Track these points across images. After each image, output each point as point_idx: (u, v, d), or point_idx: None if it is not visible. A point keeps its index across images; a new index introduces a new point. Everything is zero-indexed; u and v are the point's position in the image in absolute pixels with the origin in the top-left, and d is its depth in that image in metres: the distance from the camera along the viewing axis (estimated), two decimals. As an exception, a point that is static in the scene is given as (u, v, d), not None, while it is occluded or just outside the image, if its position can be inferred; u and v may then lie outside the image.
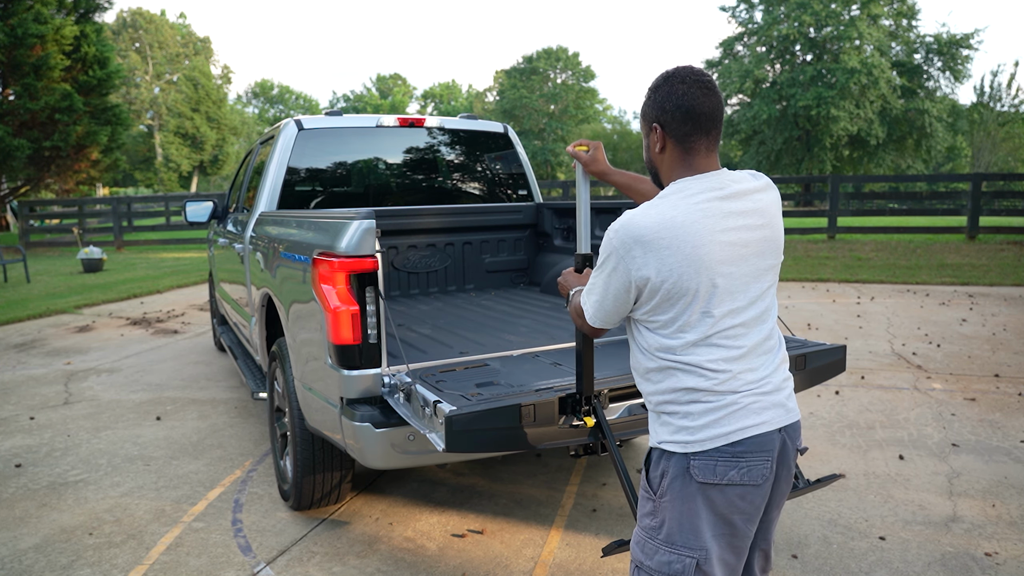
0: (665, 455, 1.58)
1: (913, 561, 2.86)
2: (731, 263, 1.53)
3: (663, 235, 1.49)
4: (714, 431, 1.52)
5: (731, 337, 1.55)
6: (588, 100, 56.83)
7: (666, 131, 1.59)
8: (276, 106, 73.29)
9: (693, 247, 1.49)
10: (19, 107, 18.49)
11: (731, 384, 1.55)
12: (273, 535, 3.16)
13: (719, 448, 1.52)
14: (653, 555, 1.59)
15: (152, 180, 47.34)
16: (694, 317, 1.53)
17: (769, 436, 1.56)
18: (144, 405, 5.16)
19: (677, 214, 1.51)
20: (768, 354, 1.61)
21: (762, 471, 1.55)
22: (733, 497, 1.54)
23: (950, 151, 40.21)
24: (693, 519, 1.55)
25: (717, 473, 1.52)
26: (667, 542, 1.57)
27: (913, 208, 17.63)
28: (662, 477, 1.58)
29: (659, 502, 1.59)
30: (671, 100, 1.58)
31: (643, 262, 1.50)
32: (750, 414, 1.54)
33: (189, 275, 12.71)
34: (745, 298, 1.57)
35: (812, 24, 31.78)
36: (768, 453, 1.55)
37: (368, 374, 2.56)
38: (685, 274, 1.49)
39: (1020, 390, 5.09)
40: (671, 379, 1.57)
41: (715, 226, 1.52)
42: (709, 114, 1.57)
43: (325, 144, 4.38)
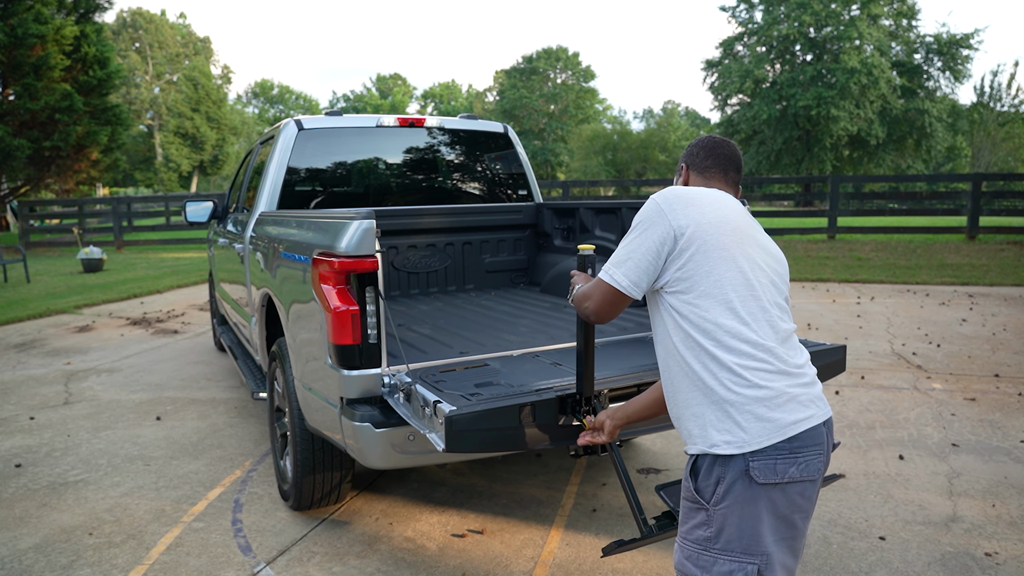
0: (719, 460, 1.53)
1: (913, 561, 2.86)
2: (758, 244, 1.67)
3: (704, 198, 1.66)
4: (767, 425, 1.50)
5: (764, 311, 1.58)
6: (588, 100, 56.85)
7: (691, 167, 1.86)
8: (276, 106, 73.29)
9: (730, 210, 1.66)
10: (19, 107, 18.49)
11: (778, 365, 1.55)
12: (273, 535, 3.16)
13: (776, 445, 1.50)
14: (711, 567, 1.54)
15: (152, 180, 47.34)
16: (729, 274, 1.57)
17: (819, 429, 1.56)
18: (144, 405, 5.16)
19: (714, 192, 1.72)
20: (798, 348, 1.65)
21: (818, 465, 1.54)
22: (794, 495, 1.52)
23: (950, 151, 40.21)
24: (754, 524, 1.50)
25: (778, 472, 1.49)
26: (726, 550, 1.52)
27: (913, 208, 17.63)
28: (717, 484, 1.52)
29: (713, 510, 1.53)
30: (697, 145, 1.88)
31: (683, 213, 1.61)
32: (800, 406, 1.54)
33: (189, 275, 12.71)
34: (772, 279, 1.66)
35: (812, 24, 31.78)
36: (820, 447, 1.55)
37: (368, 374, 2.56)
38: (721, 231, 1.60)
39: (1020, 390, 5.09)
40: (707, 360, 1.55)
41: (739, 211, 1.70)
42: (728, 156, 1.84)
43: (325, 144, 4.38)
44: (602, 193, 35.10)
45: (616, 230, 4.16)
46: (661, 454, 4.04)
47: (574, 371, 2.66)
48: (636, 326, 3.42)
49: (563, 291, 4.42)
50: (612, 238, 4.20)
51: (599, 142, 44.78)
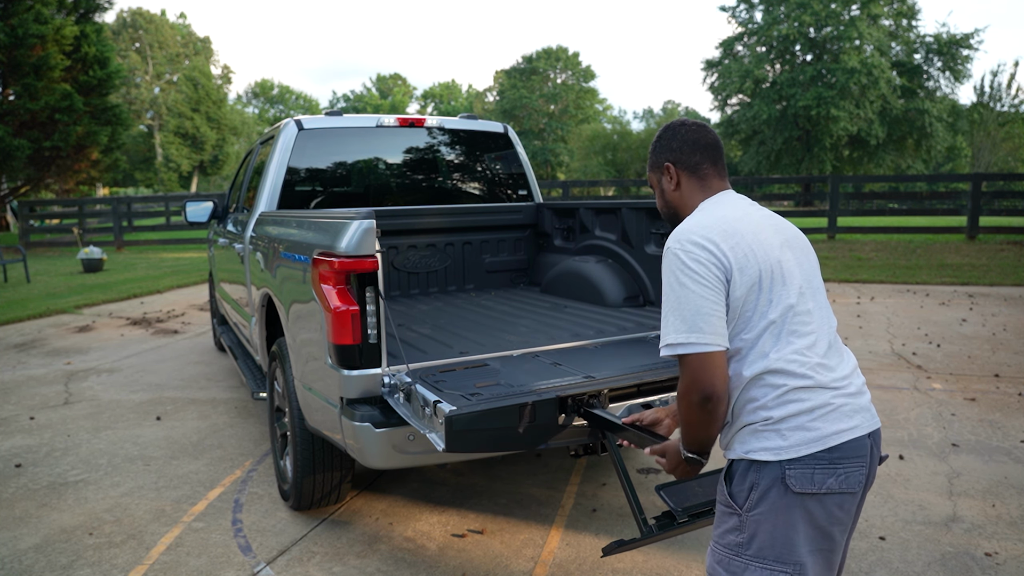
0: (754, 466, 1.50)
1: (913, 561, 2.86)
2: (783, 246, 1.59)
3: (724, 227, 1.55)
4: (808, 435, 1.46)
5: (802, 324, 1.53)
6: (588, 100, 56.83)
7: (678, 166, 1.72)
8: (276, 106, 73.28)
9: (748, 231, 1.55)
10: (19, 107, 18.49)
11: (818, 379, 1.50)
12: (273, 535, 3.16)
13: (815, 454, 1.46)
14: (742, 573, 1.52)
15: (152, 180, 47.33)
16: (763, 299, 1.52)
17: (862, 441, 1.51)
18: (144, 405, 5.16)
19: (725, 212, 1.60)
20: (841, 354, 1.60)
21: (859, 478, 1.50)
22: (832, 507, 1.48)
23: (950, 151, 40.18)
24: (788, 532, 1.48)
25: (815, 482, 1.46)
26: (758, 557, 1.50)
27: (913, 208, 17.63)
28: (751, 490, 1.50)
29: (746, 516, 1.51)
30: (677, 139, 1.73)
31: (723, 244, 1.53)
32: (843, 417, 1.49)
33: (189, 275, 12.71)
34: (805, 282, 1.58)
35: (812, 24, 31.76)
36: (863, 459, 1.51)
37: (368, 374, 2.56)
38: (749, 254, 1.53)
39: (1020, 390, 5.09)
40: (755, 383, 1.52)
41: (751, 218, 1.61)
42: (713, 145, 1.72)
43: (325, 144, 4.38)
44: (602, 193, 35.09)
45: (616, 230, 4.17)
46: (661, 454, 4.04)
47: (574, 371, 2.66)
48: (636, 326, 3.42)
49: (563, 291, 4.42)
50: (612, 238, 4.20)
51: (599, 142, 44.79)
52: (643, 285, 3.97)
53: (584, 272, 4.21)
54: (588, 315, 3.74)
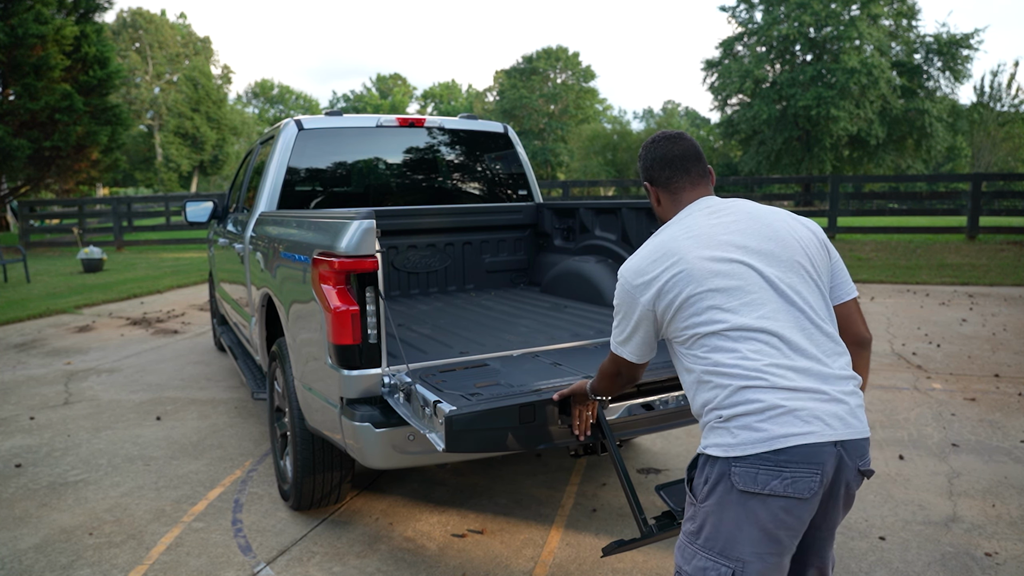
0: (709, 461, 1.56)
1: (913, 561, 2.86)
2: (724, 258, 1.61)
3: (658, 258, 1.66)
4: (755, 435, 1.48)
5: (751, 331, 1.54)
6: (588, 100, 56.82)
7: (654, 184, 1.83)
8: (276, 106, 73.26)
9: (685, 251, 1.63)
10: (19, 107, 18.48)
11: (771, 380, 1.50)
12: (273, 535, 3.16)
13: (760, 455, 1.47)
14: (691, 560, 1.58)
15: (152, 180, 47.31)
16: (705, 314, 1.58)
17: (818, 448, 1.48)
18: (144, 405, 5.16)
19: (661, 240, 1.70)
20: (827, 358, 1.56)
21: (809, 484, 1.47)
22: (777, 510, 1.49)
23: (950, 151, 40.18)
24: (731, 529, 1.51)
25: (759, 482, 1.47)
26: (704, 547, 1.56)
27: (913, 208, 17.64)
28: (704, 483, 1.56)
29: (699, 507, 1.58)
30: (648, 158, 1.83)
31: (644, 286, 1.66)
32: (797, 422, 1.48)
33: (189, 275, 12.71)
34: (760, 286, 1.58)
35: (812, 24, 31.76)
36: (816, 466, 1.47)
37: (368, 374, 2.56)
38: (682, 278, 1.60)
39: (1020, 390, 5.09)
40: (706, 386, 1.59)
41: (694, 235, 1.66)
42: (681, 155, 1.79)
43: (325, 144, 4.38)
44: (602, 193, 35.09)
45: (616, 230, 4.16)
46: (661, 454, 4.04)
47: (574, 371, 2.66)
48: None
49: (563, 291, 4.42)
50: (612, 238, 4.20)
51: (599, 142, 44.77)
52: (643, 285, 3.97)
53: (584, 272, 4.21)
54: (588, 315, 3.74)
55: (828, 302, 1.67)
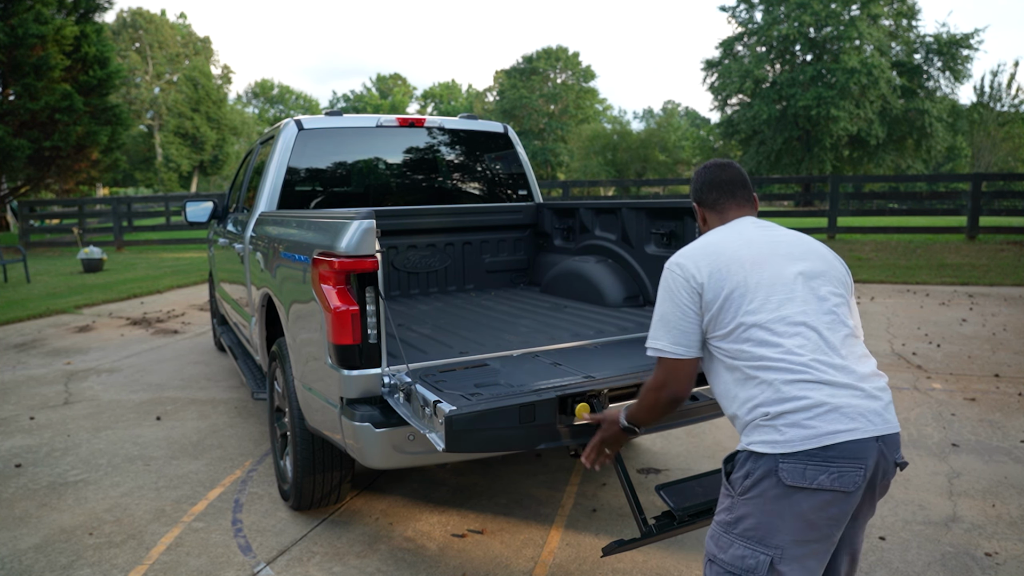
0: (752, 456, 1.61)
1: (913, 561, 2.86)
2: (770, 261, 1.73)
3: (707, 249, 1.79)
4: (803, 432, 1.54)
5: (796, 324, 1.64)
6: (588, 100, 56.83)
7: (702, 205, 1.98)
8: (276, 106, 73.26)
9: (733, 251, 1.76)
10: (19, 107, 18.48)
11: (817, 375, 1.58)
12: (273, 535, 3.16)
13: (808, 451, 1.53)
14: (727, 549, 1.65)
15: (152, 180, 47.31)
16: (753, 305, 1.67)
17: (863, 444, 1.55)
18: (144, 405, 5.16)
19: (711, 239, 1.84)
20: (858, 360, 1.67)
21: (854, 478, 1.54)
22: (822, 503, 1.55)
23: (950, 151, 40.18)
24: (773, 519, 1.58)
25: (807, 477, 1.53)
26: (742, 536, 1.62)
27: (913, 208, 17.64)
28: (746, 477, 1.62)
29: (738, 499, 1.64)
30: (698, 181, 1.99)
31: (695, 269, 1.75)
32: (842, 418, 1.55)
33: (189, 275, 12.71)
34: (800, 290, 1.70)
35: (812, 24, 31.77)
36: (861, 461, 1.55)
37: (368, 374, 2.56)
38: (730, 271, 1.71)
39: (1020, 390, 5.09)
40: (751, 382, 1.64)
41: (743, 237, 1.81)
42: (729, 180, 1.94)
43: (325, 144, 4.38)
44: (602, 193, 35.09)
45: (616, 230, 4.16)
46: (661, 454, 4.04)
47: (574, 371, 2.67)
48: (636, 326, 3.42)
49: (563, 291, 4.42)
50: (612, 238, 4.20)
51: (599, 142, 44.77)
52: (643, 285, 3.97)
53: (584, 272, 4.21)
54: (588, 315, 3.74)
55: (858, 321, 1.81)
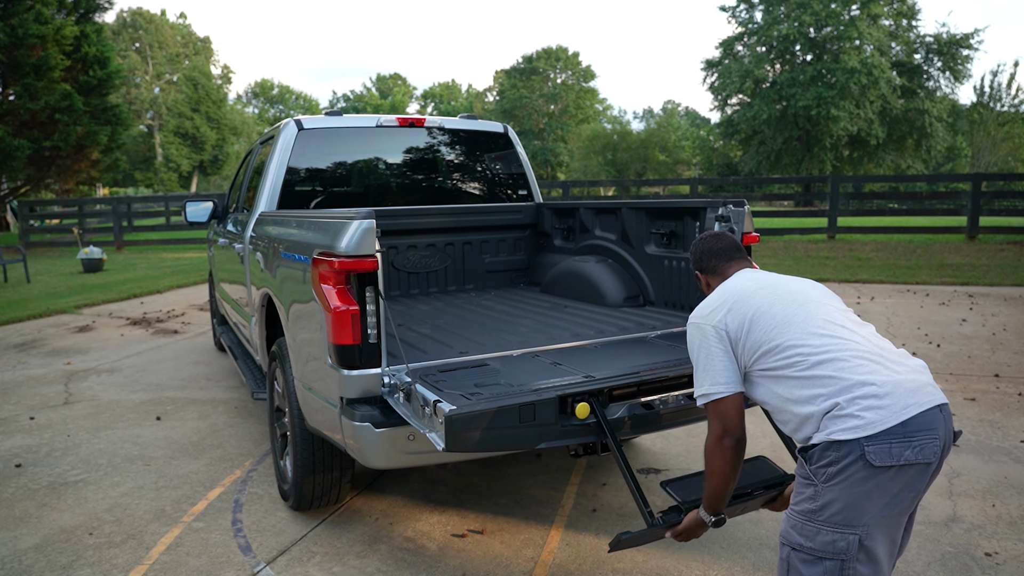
0: (834, 445, 1.67)
1: (913, 561, 2.86)
2: (778, 286, 1.96)
3: (721, 295, 2.00)
4: (881, 412, 1.64)
5: (829, 322, 1.82)
6: (588, 100, 56.83)
7: (704, 272, 2.24)
8: (276, 106, 73.26)
9: (744, 284, 1.99)
10: (19, 107, 18.48)
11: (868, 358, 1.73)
12: (273, 535, 3.16)
13: (890, 429, 1.63)
14: (815, 536, 1.70)
15: (152, 180, 47.30)
16: (780, 316, 1.84)
17: (932, 414, 1.68)
18: (144, 405, 5.16)
19: (721, 287, 2.06)
20: (891, 346, 1.85)
21: (933, 448, 1.66)
22: (909, 477, 1.65)
23: (950, 151, 40.18)
24: (861, 501, 1.65)
25: (893, 455, 1.62)
26: (829, 522, 1.68)
27: (913, 208, 17.65)
28: (830, 465, 1.68)
29: (822, 487, 1.70)
30: (696, 252, 2.27)
31: (716, 314, 1.94)
32: (909, 393, 1.68)
33: (189, 275, 12.71)
34: (817, 299, 1.91)
35: (812, 24, 31.77)
36: (935, 431, 1.67)
37: (368, 374, 2.56)
38: (748, 299, 1.92)
39: (1020, 390, 5.09)
40: (811, 382, 1.75)
41: (749, 276, 2.05)
42: (724, 248, 2.20)
43: (325, 144, 4.38)
44: (602, 193, 35.09)
45: (616, 230, 4.16)
46: (661, 454, 4.04)
47: (574, 371, 2.66)
48: (636, 326, 3.42)
49: (563, 291, 4.42)
50: (612, 238, 4.20)
51: (599, 142, 44.78)
52: (643, 285, 3.97)
53: (584, 272, 4.21)
54: (588, 315, 3.74)
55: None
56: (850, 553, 1.66)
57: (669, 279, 3.75)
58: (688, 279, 3.58)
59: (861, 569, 1.67)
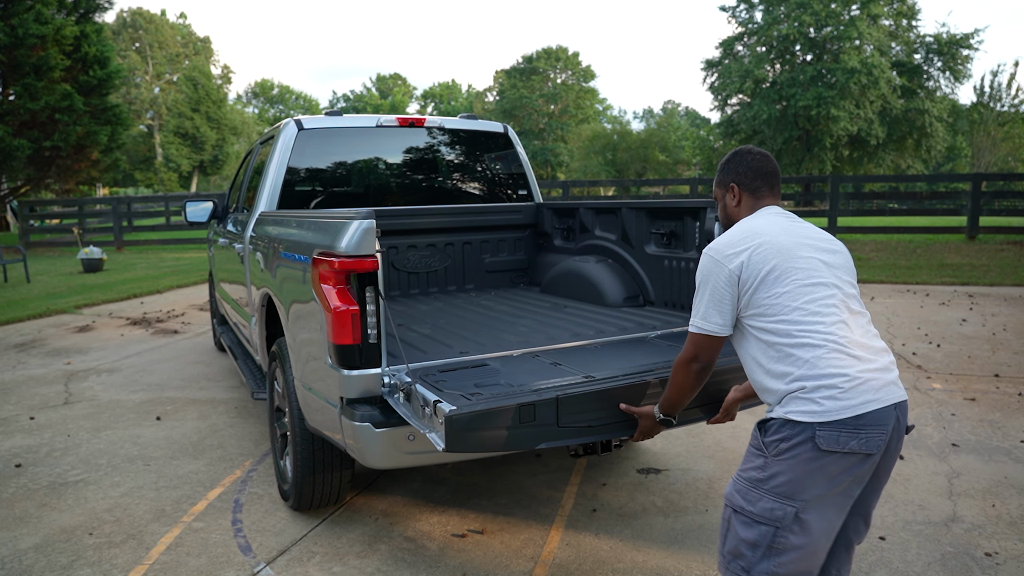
0: (789, 423, 1.81)
1: (913, 561, 2.86)
2: (801, 249, 1.92)
3: (745, 236, 1.95)
4: (839, 404, 1.75)
5: (828, 306, 1.84)
6: (588, 100, 56.84)
7: (743, 188, 2.12)
8: (276, 106, 73.25)
9: (771, 236, 1.93)
10: (19, 107, 18.47)
11: (846, 350, 1.79)
12: (273, 535, 3.16)
13: (843, 420, 1.74)
14: (756, 502, 1.84)
15: (152, 180, 47.29)
16: (789, 287, 1.85)
17: (886, 411, 1.79)
18: (144, 405, 5.16)
19: (749, 226, 1.99)
20: (873, 338, 1.90)
21: (878, 442, 1.78)
22: (850, 464, 1.78)
23: (950, 151, 40.18)
24: (803, 478, 1.78)
25: (840, 443, 1.75)
26: (772, 492, 1.81)
27: (913, 208, 17.66)
28: (782, 441, 1.81)
29: (772, 459, 1.83)
30: (742, 165, 2.12)
31: (734, 254, 1.92)
32: (871, 390, 1.78)
33: (189, 275, 12.71)
34: (827, 276, 1.89)
35: (812, 24, 31.75)
36: (885, 427, 1.78)
37: (368, 374, 2.56)
38: (768, 253, 1.89)
39: (1020, 390, 5.09)
40: (789, 358, 1.82)
41: (778, 226, 1.99)
42: (772, 172, 2.12)
43: (325, 144, 4.38)
44: (602, 193, 35.08)
45: (616, 230, 4.16)
46: (661, 454, 4.04)
47: (574, 371, 2.66)
48: (636, 326, 3.42)
49: (563, 291, 4.42)
50: (612, 238, 4.20)
51: (599, 142, 44.76)
52: (643, 285, 3.97)
53: (584, 272, 4.21)
54: (588, 315, 3.74)
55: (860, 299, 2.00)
56: (785, 522, 1.79)
57: (669, 279, 3.75)
58: (688, 279, 3.58)
59: (792, 539, 1.80)
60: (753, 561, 1.85)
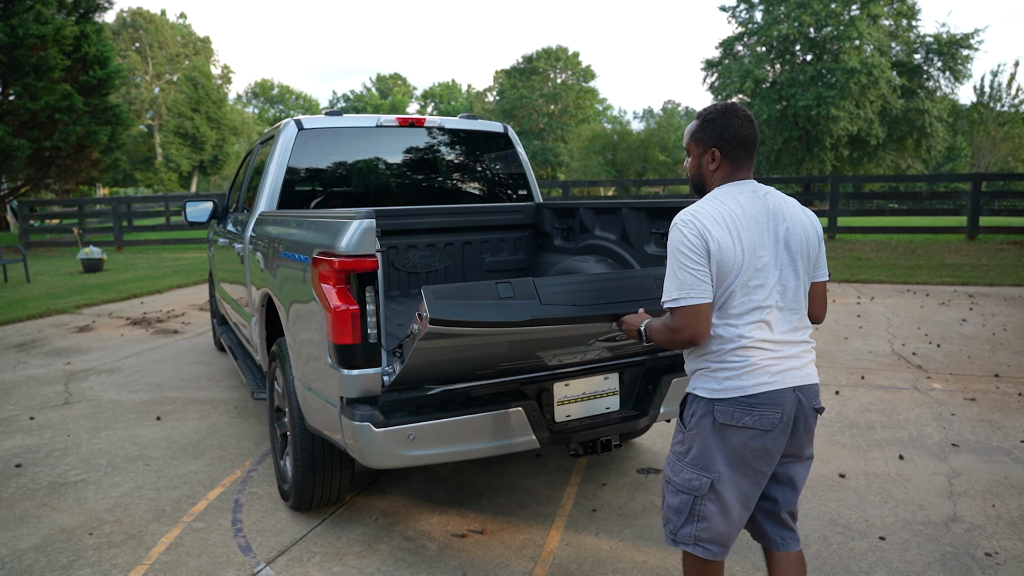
0: (696, 399, 2.00)
1: (913, 561, 2.86)
2: (760, 246, 1.93)
3: (717, 218, 1.93)
4: (735, 384, 1.92)
5: (756, 309, 1.92)
6: (588, 100, 56.84)
7: (723, 154, 2.05)
8: (276, 106, 73.26)
9: (737, 232, 1.92)
10: (19, 107, 18.48)
11: (755, 337, 1.92)
12: (273, 535, 3.16)
13: (737, 399, 1.92)
14: (679, 473, 2.03)
15: (152, 180, 47.28)
16: (736, 286, 1.90)
17: (784, 393, 1.93)
18: (144, 405, 5.16)
19: (722, 209, 1.96)
20: (795, 333, 1.99)
21: (771, 419, 1.92)
22: (746, 438, 1.93)
23: (950, 151, 40.17)
24: (712, 449, 1.96)
25: (734, 417, 1.92)
26: (690, 464, 2.01)
27: (913, 208, 17.64)
28: (692, 416, 2.01)
29: (687, 434, 2.02)
30: (728, 131, 2.04)
31: (705, 231, 1.90)
32: (767, 374, 1.92)
33: (189, 275, 12.71)
34: (772, 278, 1.94)
35: (812, 24, 31.73)
36: (778, 407, 1.93)
37: (368, 373, 2.56)
38: (730, 248, 1.89)
39: (1020, 390, 5.09)
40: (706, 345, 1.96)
41: (751, 215, 1.96)
42: (754, 142, 2.08)
43: (325, 144, 4.38)
44: (602, 193, 35.09)
45: (616, 230, 4.16)
46: (661, 454, 4.04)
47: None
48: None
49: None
50: (612, 238, 4.20)
51: (599, 142, 44.76)
52: (643, 285, 3.96)
53: (584, 272, 4.20)
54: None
55: (806, 290, 2.03)
56: (702, 491, 1.98)
57: (669, 279, 3.74)
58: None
59: (710, 506, 1.98)
60: (678, 525, 2.05)
